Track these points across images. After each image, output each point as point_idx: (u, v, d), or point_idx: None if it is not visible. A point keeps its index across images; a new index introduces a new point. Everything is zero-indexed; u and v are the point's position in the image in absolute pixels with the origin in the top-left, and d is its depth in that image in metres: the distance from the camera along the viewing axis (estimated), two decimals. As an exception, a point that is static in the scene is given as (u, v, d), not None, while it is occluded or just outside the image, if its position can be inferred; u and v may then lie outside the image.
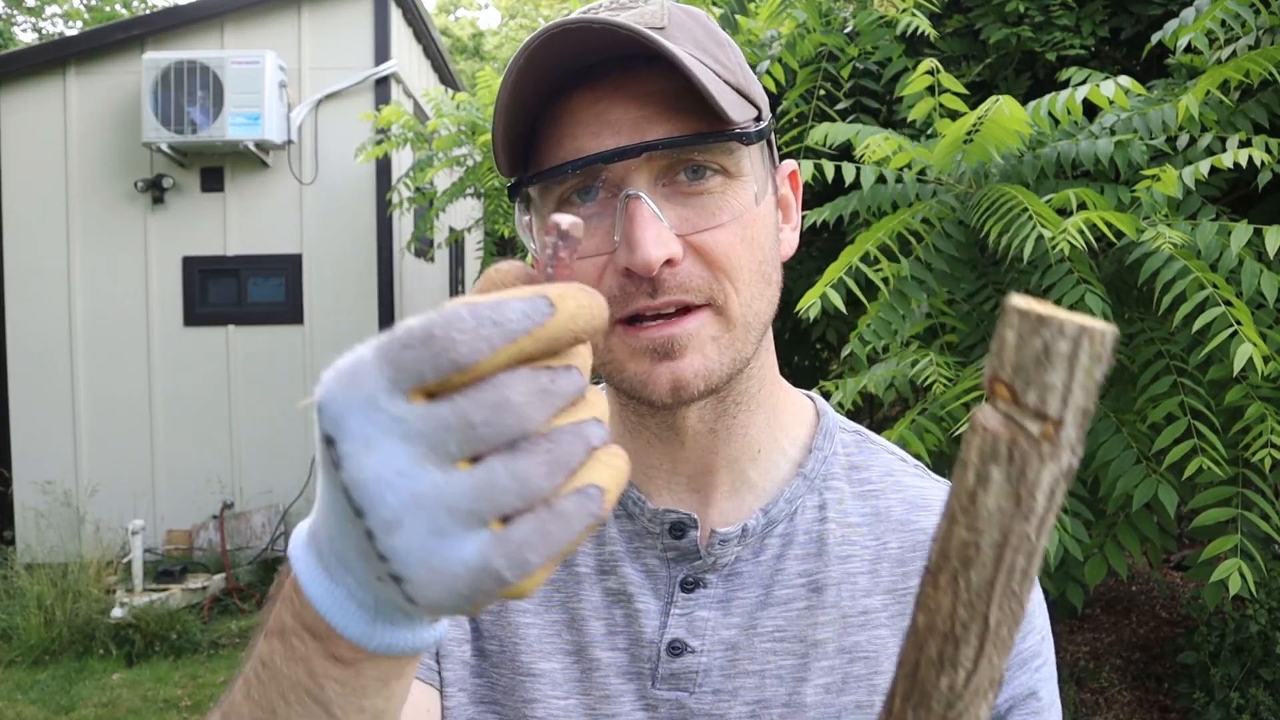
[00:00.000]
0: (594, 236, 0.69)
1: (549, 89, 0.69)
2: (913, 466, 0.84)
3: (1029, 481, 0.39)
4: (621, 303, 0.68)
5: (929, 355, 2.44)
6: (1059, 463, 0.39)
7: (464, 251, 10.01)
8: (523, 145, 0.71)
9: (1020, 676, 0.77)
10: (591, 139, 0.68)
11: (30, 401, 6.62)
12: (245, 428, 6.72)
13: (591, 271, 0.68)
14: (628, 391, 0.71)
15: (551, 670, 0.76)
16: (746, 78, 0.74)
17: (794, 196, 0.80)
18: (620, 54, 0.68)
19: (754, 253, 0.70)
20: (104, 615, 5.21)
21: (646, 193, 0.67)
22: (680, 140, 0.67)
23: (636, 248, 0.65)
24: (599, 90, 0.68)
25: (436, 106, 5.20)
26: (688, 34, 0.71)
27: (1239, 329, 2.02)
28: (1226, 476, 2.19)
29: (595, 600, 0.77)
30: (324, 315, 6.74)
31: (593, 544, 0.78)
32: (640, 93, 0.68)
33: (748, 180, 0.71)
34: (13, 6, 16.46)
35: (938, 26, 3.64)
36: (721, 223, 0.69)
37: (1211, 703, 3.65)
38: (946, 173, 2.52)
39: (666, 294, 0.67)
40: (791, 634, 0.75)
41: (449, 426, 0.38)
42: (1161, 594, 4.91)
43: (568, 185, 0.69)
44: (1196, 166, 2.23)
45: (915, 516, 0.79)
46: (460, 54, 20.91)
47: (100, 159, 6.63)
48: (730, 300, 0.69)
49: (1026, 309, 0.38)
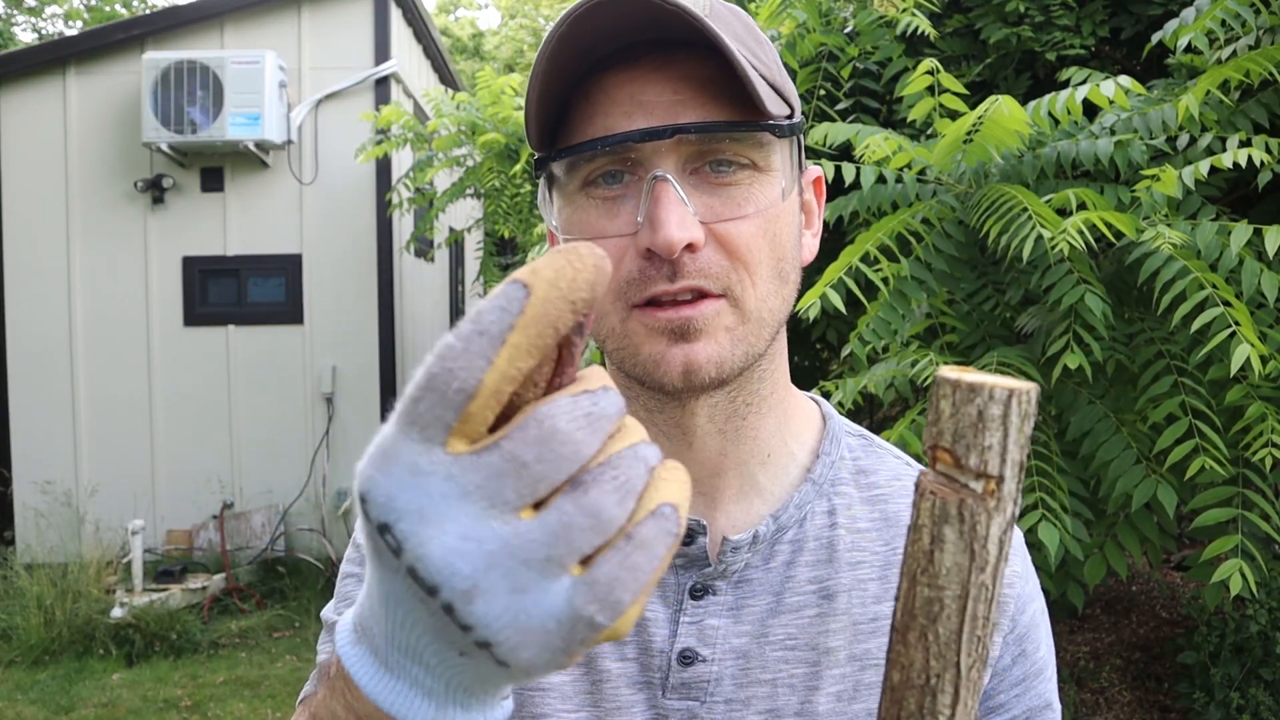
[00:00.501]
0: (618, 218, 0.68)
1: (585, 64, 0.68)
2: (918, 470, 0.84)
3: (980, 535, 0.43)
4: (640, 285, 0.68)
5: (929, 355, 2.44)
6: (1004, 514, 0.43)
7: (464, 251, 10.01)
8: (554, 119, 0.70)
9: (1037, 687, 0.78)
10: (623, 118, 0.67)
11: (30, 401, 6.62)
12: (245, 428, 6.72)
13: (613, 253, 0.68)
14: (640, 376, 0.71)
15: (560, 683, 0.74)
16: (782, 76, 0.74)
17: (817, 203, 0.80)
18: (660, 35, 0.67)
19: (774, 248, 0.70)
20: (104, 615, 5.21)
21: (674, 176, 0.67)
22: (713, 125, 0.66)
23: (660, 228, 0.65)
24: (635, 71, 0.68)
25: (436, 106, 5.20)
26: (727, 26, 0.70)
27: (1238, 329, 2.02)
28: (1228, 476, 2.19)
29: None
30: (324, 315, 6.74)
31: None
32: (676, 75, 0.67)
33: (775, 176, 0.70)
34: (13, 6, 16.45)
35: (938, 26, 3.64)
36: (745, 214, 0.68)
37: (1211, 703, 3.65)
38: (946, 173, 2.52)
39: (685, 279, 0.67)
40: (803, 642, 0.74)
41: (502, 472, 0.36)
42: (1161, 594, 4.91)
43: (595, 165, 0.69)
44: (1196, 166, 2.23)
45: None
46: (460, 54, 20.92)
47: (100, 159, 6.63)
48: (747, 292, 0.69)
49: (958, 379, 0.42)
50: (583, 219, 0.70)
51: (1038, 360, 2.42)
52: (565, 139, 0.70)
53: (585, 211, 0.69)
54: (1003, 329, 2.76)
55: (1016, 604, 0.77)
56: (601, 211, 0.69)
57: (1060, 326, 2.30)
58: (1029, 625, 0.78)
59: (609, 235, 0.68)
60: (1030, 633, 0.77)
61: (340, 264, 6.73)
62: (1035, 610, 0.79)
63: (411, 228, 7.01)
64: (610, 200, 0.69)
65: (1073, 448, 2.42)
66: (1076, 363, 2.21)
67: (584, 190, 0.70)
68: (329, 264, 6.73)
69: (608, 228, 0.68)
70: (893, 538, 0.78)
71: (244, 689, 4.75)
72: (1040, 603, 0.81)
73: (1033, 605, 0.79)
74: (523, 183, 5.28)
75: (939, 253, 2.41)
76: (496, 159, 5.10)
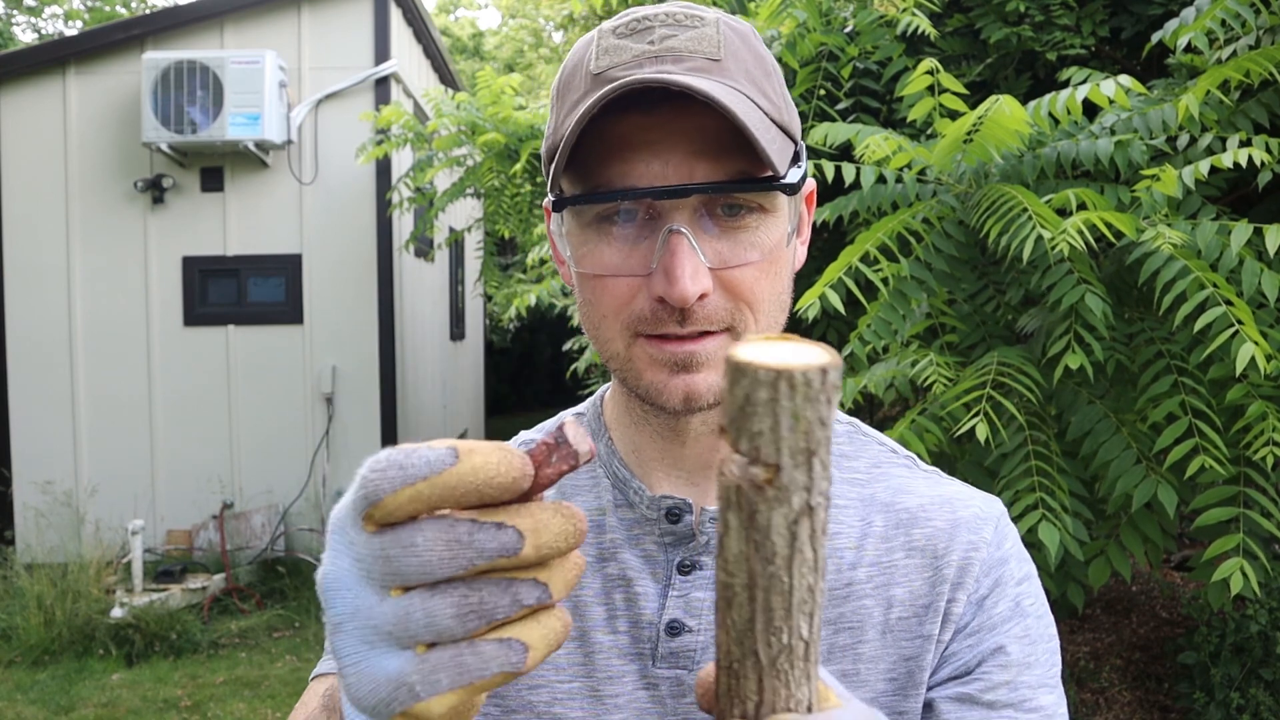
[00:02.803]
0: (631, 257, 0.73)
1: (604, 109, 0.72)
2: (902, 458, 0.87)
3: (760, 526, 0.40)
4: (651, 324, 0.73)
5: (929, 355, 2.44)
6: (788, 505, 0.40)
7: (464, 251, 10.01)
8: (569, 151, 0.74)
9: (989, 640, 0.77)
10: (641, 166, 0.71)
11: (30, 401, 6.62)
12: (245, 428, 6.72)
13: (625, 291, 0.73)
14: (641, 396, 0.76)
15: (554, 656, 0.78)
16: (788, 109, 0.78)
17: (808, 213, 0.85)
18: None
19: (775, 284, 0.76)
20: (104, 615, 5.21)
21: (688, 228, 0.71)
22: (726, 186, 0.71)
23: (675, 282, 0.70)
24: (653, 118, 0.71)
25: (436, 106, 5.20)
26: (741, 65, 0.74)
27: (1240, 328, 2.02)
28: (1228, 476, 2.19)
29: (596, 587, 0.80)
30: (324, 315, 6.74)
31: (593, 534, 0.82)
32: (691, 128, 0.71)
33: (781, 217, 0.75)
34: (12, 6, 16.45)
35: (938, 26, 3.64)
36: (751, 260, 0.73)
37: (1212, 703, 3.65)
38: (946, 173, 2.52)
39: (693, 324, 0.72)
40: None
41: (375, 556, 0.44)
42: (1162, 594, 4.91)
43: (611, 205, 0.73)
44: (1196, 166, 2.23)
45: (900, 499, 0.82)
46: (460, 54, 20.92)
47: (100, 159, 6.63)
48: (748, 327, 0.74)
49: (735, 359, 0.39)
50: (599, 254, 0.74)
51: (1038, 360, 2.42)
52: (582, 172, 0.74)
53: (601, 248, 0.74)
54: (1003, 329, 2.76)
55: (981, 567, 0.79)
56: (616, 250, 0.74)
57: (1060, 327, 2.30)
58: (992, 587, 0.78)
59: (623, 274, 0.73)
60: (991, 594, 0.78)
61: (340, 264, 6.73)
62: (1003, 576, 0.79)
63: (411, 228, 7.01)
64: (625, 239, 0.74)
65: (1073, 448, 2.42)
66: (1077, 363, 2.21)
67: (598, 225, 0.74)
68: (329, 264, 6.73)
69: (622, 266, 0.73)
70: (870, 514, 0.81)
71: (244, 689, 4.75)
72: (1029, 583, 0.80)
73: (999, 572, 0.79)
74: (523, 183, 5.28)
75: (939, 253, 2.41)
76: (496, 159, 5.10)
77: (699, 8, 0.76)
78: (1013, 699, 0.74)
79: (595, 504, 0.83)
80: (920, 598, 0.78)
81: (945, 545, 0.79)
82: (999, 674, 0.75)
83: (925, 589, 0.78)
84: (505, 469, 0.44)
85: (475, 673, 0.43)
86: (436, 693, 0.43)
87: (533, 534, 0.44)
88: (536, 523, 0.45)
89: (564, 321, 10.25)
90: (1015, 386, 2.28)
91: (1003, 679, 0.75)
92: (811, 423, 0.40)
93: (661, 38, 0.73)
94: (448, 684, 0.43)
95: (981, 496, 0.84)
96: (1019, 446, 2.34)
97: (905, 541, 0.80)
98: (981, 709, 0.74)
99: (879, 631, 0.77)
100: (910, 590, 0.78)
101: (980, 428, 2.15)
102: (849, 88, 3.43)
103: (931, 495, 0.82)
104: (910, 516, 0.81)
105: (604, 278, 0.74)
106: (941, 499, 0.82)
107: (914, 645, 0.77)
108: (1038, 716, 0.74)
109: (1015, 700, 0.74)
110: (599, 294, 0.74)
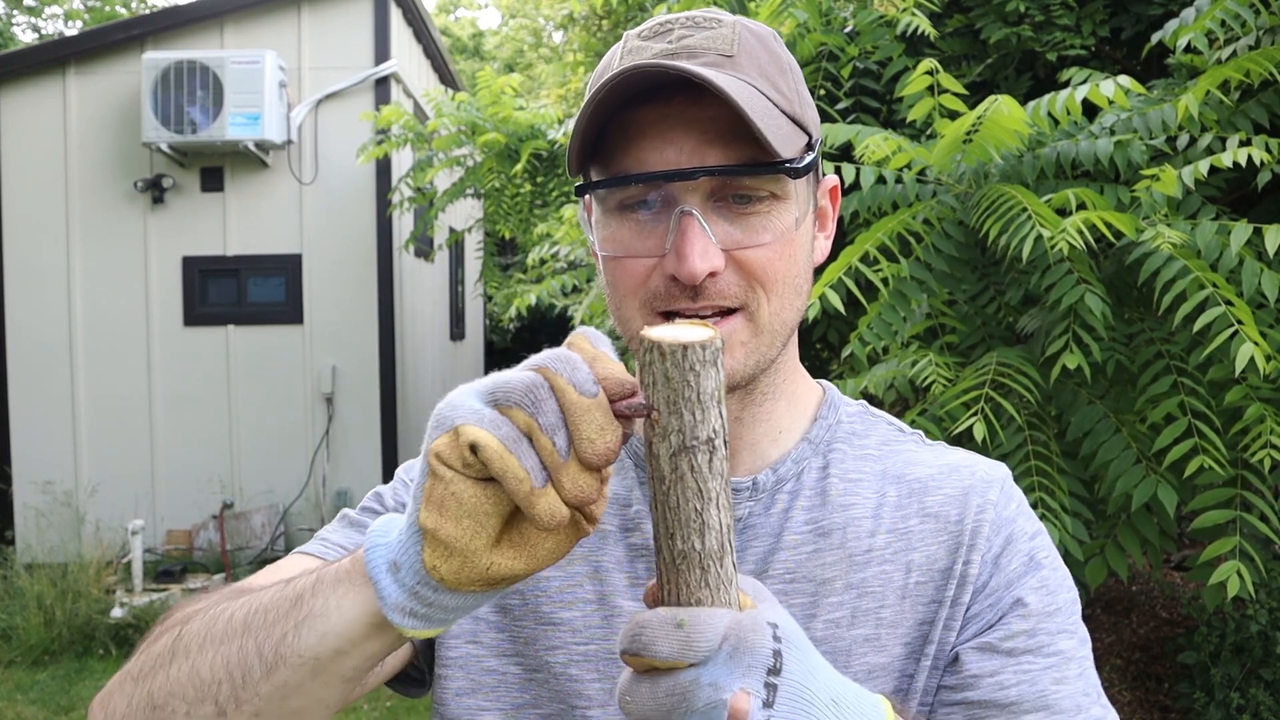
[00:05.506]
0: (648, 240, 0.79)
1: (623, 99, 0.77)
2: (909, 434, 0.92)
3: (653, 455, 0.58)
4: (665, 300, 0.78)
5: (929, 355, 2.44)
6: (668, 442, 0.56)
7: (464, 251, 10.01)
8: (593, 144, 0.80)
9: (1008, 595, 0.81)
10: (656, 154, 0.77)
11: (30, 401, 6.62)
12: (245, 428, 6.72)
13: (641, 271, 0.79)
14: None
15: (572, 619, 0.84)
16: (802, 103, 0.83)
17: (832, 208, 0.90)
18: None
19: (789, 267, 0.80)
20: (104, 615, 5.21)
21: (698, 210, 0.76)
22: (733, 169, 0.76)
23: (685, 260, 0.75)
24: (668, 109, 0.77)
25: (436, 106, 5.20)
26: (754, 61, 0.79)
27: (1240, 329, 2.02)
28: (1227, 477, 2.19)
29: (619, 555, 0.85)
30: (324, 315, 6.74)
31: (617, 506, 0.87)
32: (703, 118, 0.76)
33: (792, 203, 0.80)
34: (12, 6, 16.45)
35: (938, 26, 3.64)
36: (763, 242, 0.78)
37: (1211, 703, 3.65)
38: (946, 173, 2.52)
39: (705, 299, 0.77)
40: (802, 574, 0.83)
41: (491, 393, 0.59)
42: (1162, 594, 4.91)
43: (630, 192, 0.79)
44: (1196, 166, 2.23)
45: (910, 470, 0.87)
46: (460, 54, 20.91)
47: (100, 159, 6.63)
48: (762, 308, 0.79)
49: (642, 333, 0.58)
50: (618, 237, 0.80)
51: (1038, 360, 2.42)
52: (604, 159, 0.80)
53: (621, 231, 0.80)
54: (1003, 329, 2.76)
55: (991, 526, 0.84)
56: (634, 233, 0.79)
57: (1060, 327, 2.30)
58: (1004, 545, 0.83)
59: (640, 255, 0.79)
60: (1005, 552, 0.83)
61: (340, 264, 6.73)
62: (1014, 533, 0.84)
63: (411, 228, 7.01)
64: (643, 223, 0.79)
65: (1072, 448, 2.42)
66: (1075, 363, 2.21)
67: (620, 211, 0.80)
68: (329, 264, 6.72)
69: (639, 248, 0.79)
70: (883, 485, 0.86)
71: (244, 689, 4.74)
72: (1040, 538, 0.85)
73: (1009, 529, 0.84)
74: (523, 183, 5.29)
75: (939, 253, 2.41)
76: (496, 159, 5.10)
77: (720, 12, 0.82)
78: (1031, 645, 0.79)
79: (622, 484, 0.88)
80: (937, 562, 0.82)
81: (958, 511, 0.84)
82: (1019, 623, 0.80)
83: (942, 554, 0.83)
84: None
85: (509, 429, 0.56)
86: (481, 424, 0.56)
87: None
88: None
89: (564, 321, 10.24)
90: (1015, 387, 2.28)
91: (1022, 628, 0.79)
92: (679, 382, 0.55)
93: (679, 38, 0.79)
94: (490, 420, 0.56)
95: (986, 462, 0.89)
96: (1019, 446, 2.34)
97: (919, 508, 0.85)
98: (1001, 656, 0.79)
99: (899, 596, 0.82)
100: (927, 555, 0.83)
101: (977, 428, 2.15)
102: (849, 88, 3.43)
103: (940, 464, 0.87)
104: (921, 485, 0.86)
105: (623, 259, 0.79)
106: (949, 467, 0.87)
107: (929, 610, 0.82)
108: (1056, 659, 0.78)
109: (1034, 646, 0.79)
110: (619, 275, 0.80)
